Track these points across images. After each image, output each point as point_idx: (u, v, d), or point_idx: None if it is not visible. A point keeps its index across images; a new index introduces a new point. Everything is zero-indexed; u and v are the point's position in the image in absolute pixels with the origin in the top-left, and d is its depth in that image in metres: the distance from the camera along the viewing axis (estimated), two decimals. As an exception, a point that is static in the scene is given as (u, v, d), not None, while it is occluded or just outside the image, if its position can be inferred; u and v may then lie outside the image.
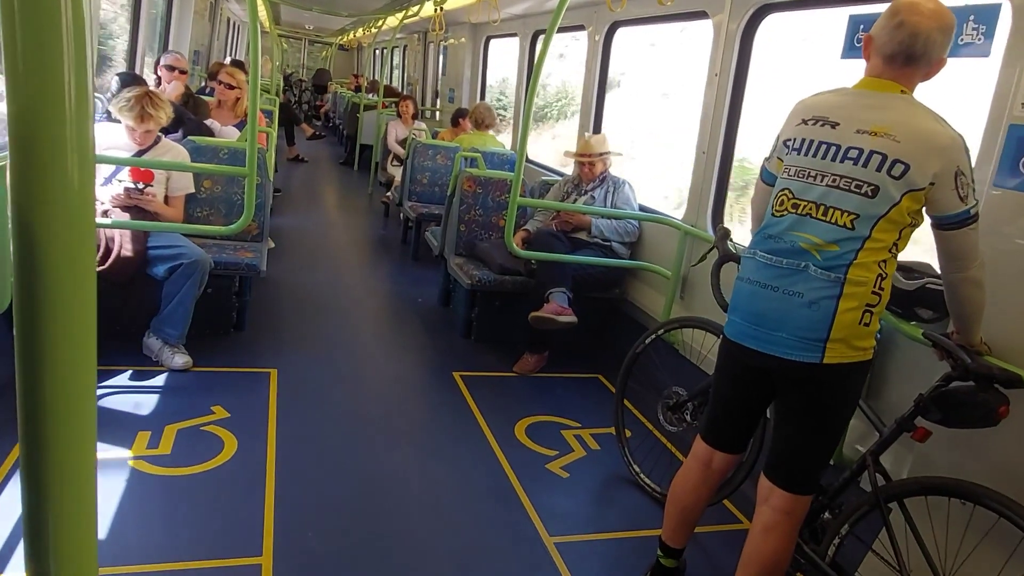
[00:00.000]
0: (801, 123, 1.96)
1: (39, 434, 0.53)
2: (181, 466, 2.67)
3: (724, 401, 2.18)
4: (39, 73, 0.48)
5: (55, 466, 0.54)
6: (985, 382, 1.84)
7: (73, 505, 0.56)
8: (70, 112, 0.49)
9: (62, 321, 0.52)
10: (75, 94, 0.49)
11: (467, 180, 4.63)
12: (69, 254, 0.51)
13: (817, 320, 1.82)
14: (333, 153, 12.36)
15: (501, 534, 2.56)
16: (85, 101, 0.50)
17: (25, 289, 0.51)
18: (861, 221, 1.80)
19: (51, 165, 0.49)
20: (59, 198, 0.50)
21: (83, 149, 0.50)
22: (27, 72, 0.48)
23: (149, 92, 3.53)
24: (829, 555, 2.07)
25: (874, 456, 2.07)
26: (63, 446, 0.54)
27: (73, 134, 0.49)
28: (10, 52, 0.47)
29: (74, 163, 0.50)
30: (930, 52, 1.83)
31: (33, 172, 0.49)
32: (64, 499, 0.56)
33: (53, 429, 0.53)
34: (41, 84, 0.48)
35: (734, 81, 3.65)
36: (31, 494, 0.55)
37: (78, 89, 0.49)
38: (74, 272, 0.52)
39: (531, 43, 6.63)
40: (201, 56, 9.27)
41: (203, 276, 3.42)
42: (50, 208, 0.50)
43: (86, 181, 0.51)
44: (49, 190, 0.50)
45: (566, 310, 3.75)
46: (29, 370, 0.52)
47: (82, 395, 0.55)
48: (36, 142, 0.49)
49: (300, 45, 23.38)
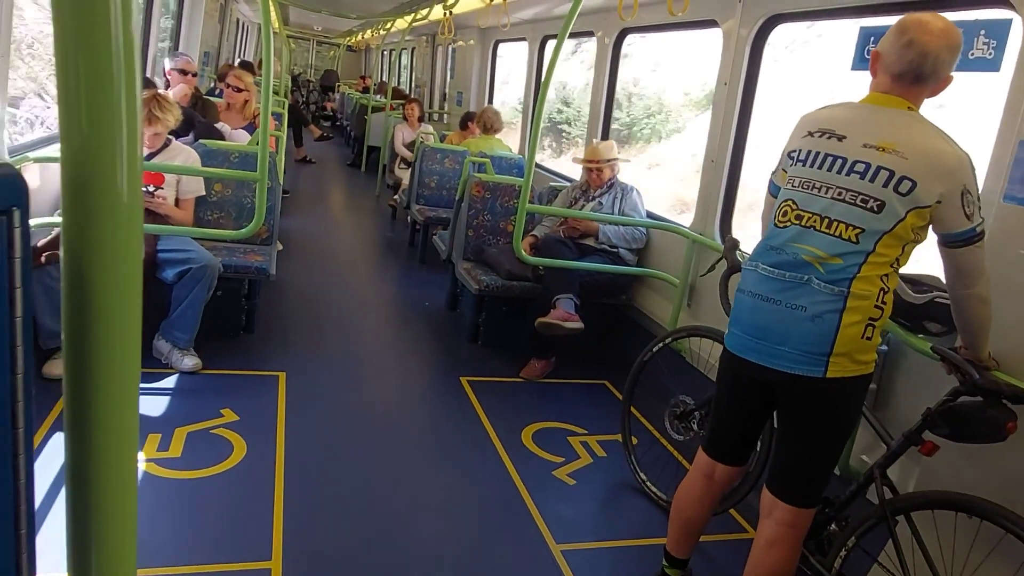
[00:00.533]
0: (807, 135, 1.96)
1: (85, 438, 0.55)
2: (191, 469, 2.69)
3: (725, 413, 2.18)
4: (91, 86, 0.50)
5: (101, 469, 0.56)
6: (993, 397, 1.84)
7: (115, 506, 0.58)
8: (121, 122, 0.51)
9: (110, 327, 0.54)
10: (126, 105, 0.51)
11: (476, 185, 4.65)
12: (118, 262, 0.53)
13: (820, 334, 1.82)
14: (340, 154, 12.40)
15: (508, 541, 2.58)
16: (134, 111, 0.52)
17: (74, 297, 0.53)
18: (866, 235, 1.81)
19: (102, 173, 0.51)
20: (109, 206, 0.52)
21: (132, 158, 0.52)
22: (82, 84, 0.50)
23: (157, 95, 3.55)
24: (835, 567, 2.07)
25: (881, 469, 2.07)
26: (109, 450, 0.56)
27: (123, 143, 0.51)
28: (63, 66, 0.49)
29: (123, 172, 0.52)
30: (939, 71, 1.84)
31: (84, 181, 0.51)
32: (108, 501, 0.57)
33: (99, 434, 0.55)
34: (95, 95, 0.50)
35: (743, 90, 3.66)
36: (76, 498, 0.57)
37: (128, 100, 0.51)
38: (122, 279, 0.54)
39: (540, 48, 6.64)
40: (211, 57, 9.31)
41: (212, 280, 3.45)
42: (101, 217, 0.52)
43: (135, 189, 0.53)
44: (99, 198, 0.52)
45: (573, 316, 3.76)
46: (76, 374, 0.54)
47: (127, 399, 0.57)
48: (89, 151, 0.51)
49: (308, 45, 23.44)
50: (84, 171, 0.51)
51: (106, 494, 0.57)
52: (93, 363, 0.54)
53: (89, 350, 0.54)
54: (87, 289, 0.53)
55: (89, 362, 0.54)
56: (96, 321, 0.53)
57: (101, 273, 0.53)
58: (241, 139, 4.96)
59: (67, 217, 0.52)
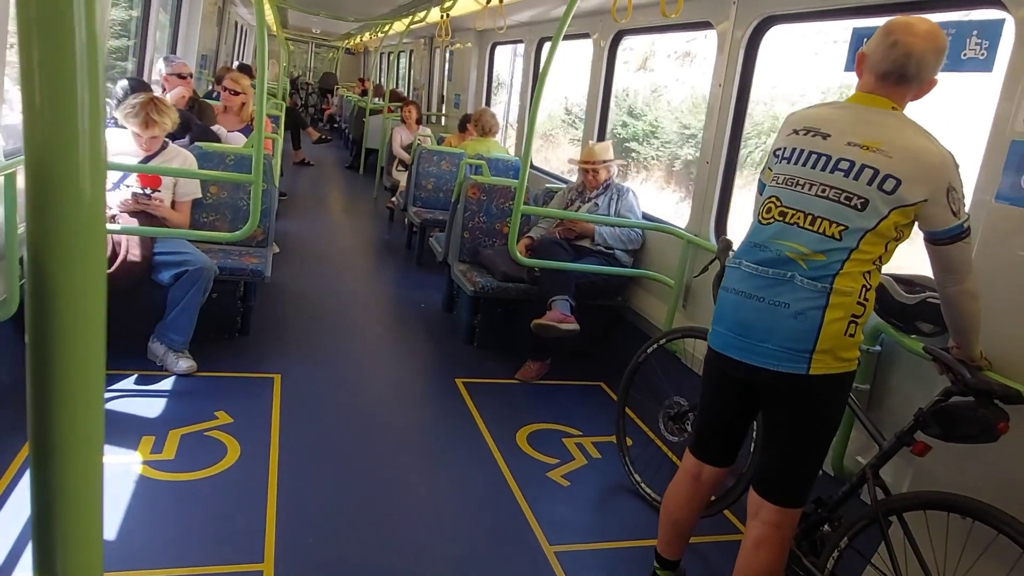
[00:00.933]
0: (792, 133, 1.97)
1: (48, 438, 0.55)
2: (185, 471, 2.69)
3: (710, 414, 2.18)
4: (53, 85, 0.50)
5: (64, 470, 0.56)
6: (985, 397, 1.84)
7: (80, 509, 0.58)
8: (82, 122, 0.51)
9: (73, 326, 0.54)
10: (88, 103, 0.51)
11: (472, 187, 4.65)
12: (81, 261, 0.53)
13: (803, 331, 1.82)
14: (339, 157, 12.41)
15: (501, 542, 2.57)
16: (97, 110, 0.52)
17: (37, 297, 0.53)
18: (849, 233, 1.81)
19: (64, 174, 0.51)
20: (71, 206, 0.52)
21: (95, 157, 0.52)
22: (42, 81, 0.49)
23: (154, 98, 3.56)
24: (828, 568, 2.07)
25: (874, 470, 2.07)
26: (72, 450, 0.56)
27: (85, 143, 0.51)
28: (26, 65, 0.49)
29: (86, 172, 0.52)
30: (922, 73, 1.85)
31: (46, 179, 0.51)
32: (72, 503, 0.57)
33: (62, 434, 0.55)
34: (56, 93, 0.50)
35: (738, 91, 3.66)
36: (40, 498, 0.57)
37: (91, 98, 0.51)
38: (86, 279, 0.54)
39: (536, 50, 6.65)
40: (208, 60, 9.32)
41: (208, 283, 3.45)
42: (63, 216, 0.52)
43: (97, 189, 0.53)
44: (62, 199, 0.51)
45: (568, 318, 3.76)
46: (40, 375, 0.54)
47: (91, 400, 0.56)
48: (50, 151, 0.51)
49: (307, 48, 23.47)
50: (46, 170, 0.51)
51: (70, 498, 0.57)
52: (57, 362, 0.53)
53: (53, 351, 0.53)
54: (51, 289, 0.52)
55: (53, 361, 0.53)
56: (60, 322, 0.53)
57: (65, 273, 0.53)
58: (237, 142, 4.96)
59: (30, 218, 0.52)
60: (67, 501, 0.57)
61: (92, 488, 0.59)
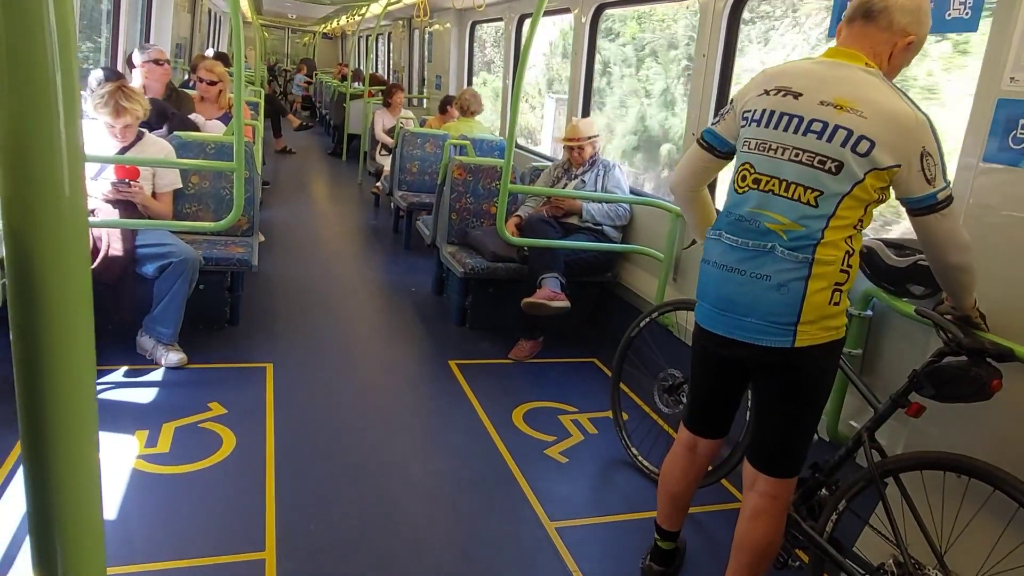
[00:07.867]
0: (763, 93, 1.88)
1: (41, 436, 0.53)
2: (180, 464, 2.67)
3: (700, 388, 2.17)
4: (26, 76, 0.48)
5: (58, 468, 0.55)
6: (978, 356, 1.85)
7: (78, 506, 0.57)
8: (58, 114, 0.49)
9: (59, 322, 0.52)
10: (63, 95, 0.49)
11: (457, 168, 4.61)
12: (63, 256, 0.51)
13: (787, 303, 1.78)
14: (321, 144, 12.28)
15: (502, 521, 2.58)
16: (72, 102, 0.50)
17: (20, 293, 0.51)
18: (825, 199, 1.76)
19: (41, 167, 0.49)
20: (50, 200, 0.50)
21: (72, 150, 0.50)
22: (13, 75, 0.47)
23: (122, 86, 3.46)
24: (827, 531, 2.09)
25: (869, 432, 2.08)
26: (65, 447, 0.54)
27: (61, 135, 0.49)
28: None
29: (63, 164, 0.50)
30: (892, 15, 1.79)
31: (23, 175, 0.49)
32: (69, 501, 0.56)
33: (54, 430, 0.53)
34: (29, 87, 0.48)
35: (722, 62, 3.64)
36: (36, 497, 0.55)
37: (66, 90, 0.49)
38: (69, 274, 0.52)
39: (517, 27, 6.58)
40: (183, 49, 9.16)
41: (193, 274, 3.41)
42: (41, 210, 0.50)
43: (76, 181, 0.51)
44: (39, 193, 0.50)
45: (559, 295, 3.75)
46: (28, 372, 0.52)
47: (82, 395, 0.55)
48: (25, 144, 0.49)
49: (283, 35, 23.13)
50: (23, 165, 0.49)
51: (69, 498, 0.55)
52: (45, 361, 0.52)
53: (41, 350, 0.52)
54: (34, 287, 0.51)
55: (41, 360, 0.52)
56: (46, 319, 0.52)
57: (48, 270, 0.51)
58: (216, 130, 4.88)
59: (8, 215, 0.50)
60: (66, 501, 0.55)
61: (90, 486, 0.57)
